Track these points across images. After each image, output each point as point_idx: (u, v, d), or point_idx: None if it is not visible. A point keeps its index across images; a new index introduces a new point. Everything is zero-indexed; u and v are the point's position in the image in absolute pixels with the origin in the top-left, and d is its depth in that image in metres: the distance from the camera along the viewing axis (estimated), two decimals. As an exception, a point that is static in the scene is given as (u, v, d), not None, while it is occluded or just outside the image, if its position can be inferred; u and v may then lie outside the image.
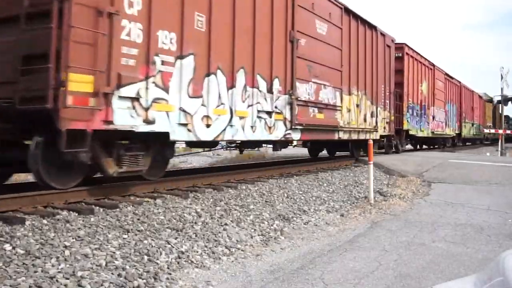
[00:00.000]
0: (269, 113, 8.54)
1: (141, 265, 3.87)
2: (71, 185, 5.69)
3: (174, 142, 6.87)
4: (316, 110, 10.25)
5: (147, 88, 5.86)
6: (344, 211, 7.13)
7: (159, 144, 6.58)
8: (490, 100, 35.69)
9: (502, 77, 29.68)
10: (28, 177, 8.04)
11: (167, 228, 4.93)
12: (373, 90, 13.67)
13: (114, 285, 3.42)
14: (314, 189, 8.45)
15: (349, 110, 11.99)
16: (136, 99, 5.71)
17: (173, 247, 4.41)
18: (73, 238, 4.16)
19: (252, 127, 8.06)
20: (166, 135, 6.28)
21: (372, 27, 13.58)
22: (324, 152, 15.49)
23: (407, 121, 17.45)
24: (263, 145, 11.05)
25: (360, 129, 12.86)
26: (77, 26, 4.91)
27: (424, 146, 23.55)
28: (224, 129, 7.40)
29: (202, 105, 6.88)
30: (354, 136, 12.54)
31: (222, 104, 7.30)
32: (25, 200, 5.11)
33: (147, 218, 5.12)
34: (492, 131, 32.90)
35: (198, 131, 6.82)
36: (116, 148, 5.97)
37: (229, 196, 6.82)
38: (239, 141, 9.24)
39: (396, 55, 16.31)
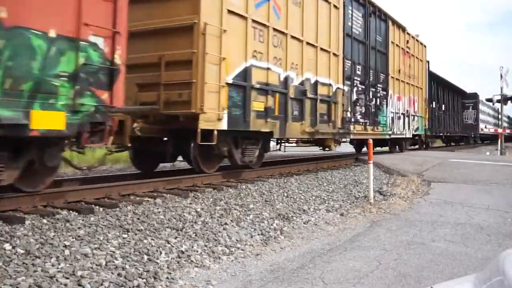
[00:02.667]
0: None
1: (141, 265, 3.88)
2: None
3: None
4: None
5: None
6: (344, 211, 7.13)
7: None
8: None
9: (501, 77, 29.65)
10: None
11: (167, 227, 4.94)
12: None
13: (114, 284, 3.42)
14: (314, 189, 8.45)
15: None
16: None
17: (173, 246, 4.41)
18: (73, 238, 4.16)
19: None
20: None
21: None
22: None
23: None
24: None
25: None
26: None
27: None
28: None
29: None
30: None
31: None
32: (24, 200, 5.11)
33: (147, 218, 5.12)
34: (492, 130, 33.05)
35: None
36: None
37: (229, 195, 6.82)
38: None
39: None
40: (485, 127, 35.94)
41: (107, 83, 5.35)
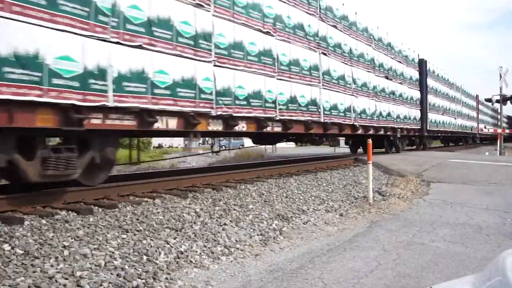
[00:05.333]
0: None
1: (140, 265, 3.87)
2: None
3: None
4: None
5: None
6: (343, 211, 7.13)
7: None
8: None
9: (500, 77, 29.67)
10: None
11: (166, 228, 4.93)
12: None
13: (113, 285, 3.41)
14: (313, 189, 8.45)
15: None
16: None
17: (172, 247, 4.41)
18: (72, 238, 4.16)
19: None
20: None
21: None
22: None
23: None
24: None
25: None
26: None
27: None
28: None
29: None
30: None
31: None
32: (24, 200, 5.10)
33: (146, 218, 5.12)
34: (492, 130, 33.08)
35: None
36: None
37: (228, 196, 6.82)
38: None
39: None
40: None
41: None
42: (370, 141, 8.81)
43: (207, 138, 32.87)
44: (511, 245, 4.80)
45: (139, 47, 5.88)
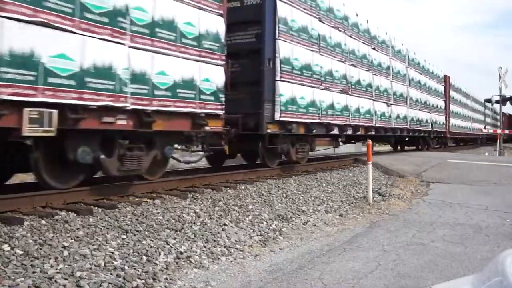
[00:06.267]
0: None
1: (140, 266, 3.87)
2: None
3: None
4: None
5: None
6: (343, 211, 7.13)
7: None
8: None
9: (500, 77, 29.67)
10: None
11: (166, 228, 4.93)
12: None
13: (113, 285, 3.41)
14: (313, 189, 8.45)
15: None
16: None
17: (172, 247, 4.41)
18: (71, 239, 4.16)
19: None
20: None
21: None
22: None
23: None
24: None
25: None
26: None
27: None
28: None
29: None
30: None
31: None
32: (23, 200, 5.10)
33: (146, 219, 5.12)
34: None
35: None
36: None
37: (228, 196, 6.81)
38: None
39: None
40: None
41: None
42: (370, 141, 8.80)
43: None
44: (511, 245, 4.80)
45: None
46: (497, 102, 31.68)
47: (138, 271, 3.75)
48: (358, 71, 13.25)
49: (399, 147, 21.12)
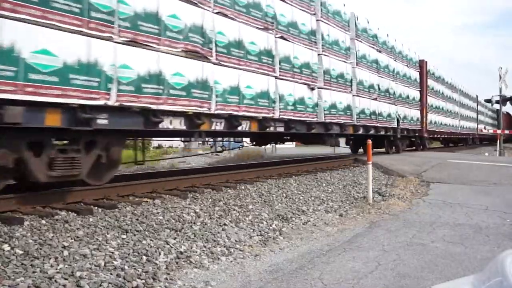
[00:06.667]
0: None
1: (140, 265, 3.87)
2: None
3: None
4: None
5: None
6: (343, 211, 7.13)
7: None
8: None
9: (500, 77, 29.68)
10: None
11: (166, 228, 4.93)
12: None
13: (113, 285, 3.41)
14: (313, 189, 8.45)
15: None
16: None
17: (172, 247, 4.41)
18: (71, 239, 4.16)
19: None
20: None
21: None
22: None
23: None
24: None
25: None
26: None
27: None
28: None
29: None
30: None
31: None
32: (24, 200, 5.10)
33: (146, 218, 5.12)
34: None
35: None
36: None
37: (228, 196, 6.82)
38: None
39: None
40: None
41: None
42: (370, 141, 8.81)
43: (207, 138, 32.77)
44: (511, 245, 4.80)
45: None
46: (497, 102, 31.70)
47: (138, 271, 3.75)
48: (239, 25, 7.69)
49: (361, 149, 16.90)
